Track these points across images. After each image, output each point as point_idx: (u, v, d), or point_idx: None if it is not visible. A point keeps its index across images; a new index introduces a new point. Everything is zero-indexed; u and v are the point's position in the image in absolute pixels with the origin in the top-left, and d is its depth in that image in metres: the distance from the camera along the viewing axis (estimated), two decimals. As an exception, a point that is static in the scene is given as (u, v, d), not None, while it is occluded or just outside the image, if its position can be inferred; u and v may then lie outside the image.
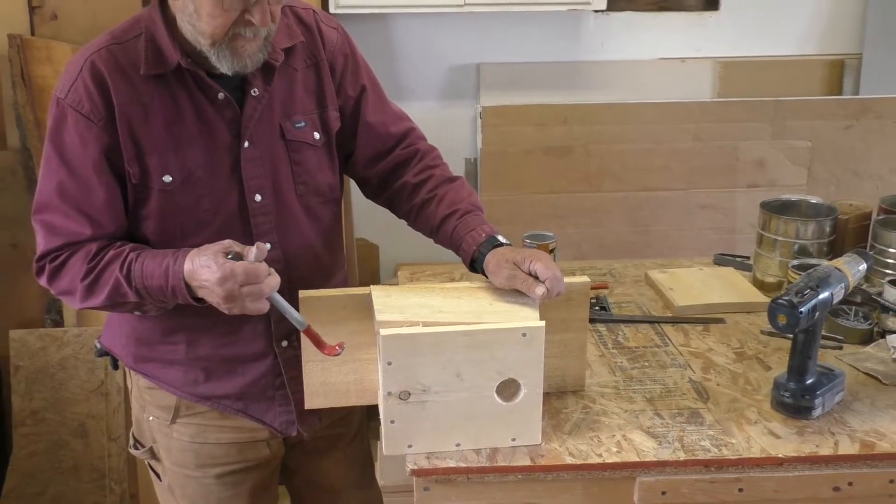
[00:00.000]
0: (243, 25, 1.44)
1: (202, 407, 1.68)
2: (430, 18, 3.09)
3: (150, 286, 1.46)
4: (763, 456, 1.50)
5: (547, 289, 1.48)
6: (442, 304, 1.52)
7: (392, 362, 1.42)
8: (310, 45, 1.65)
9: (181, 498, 1.76)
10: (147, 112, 1.51)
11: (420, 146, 1.77)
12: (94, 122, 1.49)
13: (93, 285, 1.49)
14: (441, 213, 1.68)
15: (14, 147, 2.86)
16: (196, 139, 1.54)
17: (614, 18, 3.25)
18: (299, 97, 1.63)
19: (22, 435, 2.82)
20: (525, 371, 1.46)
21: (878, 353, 1.83)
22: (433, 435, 1.48)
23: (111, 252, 1.50)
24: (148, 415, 1.73)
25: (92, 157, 1.50)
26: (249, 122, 1.56)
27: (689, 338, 1.93)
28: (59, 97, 1.51)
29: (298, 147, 1.63)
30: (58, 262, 1.52)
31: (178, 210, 1.55)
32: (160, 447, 1.74)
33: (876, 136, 3.20)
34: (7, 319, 2.88)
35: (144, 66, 1.50)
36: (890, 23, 3.19)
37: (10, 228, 2.87)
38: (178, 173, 1.53)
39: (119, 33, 1.54)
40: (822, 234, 2.10)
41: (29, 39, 2.79)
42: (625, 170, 3.19)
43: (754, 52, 3.31)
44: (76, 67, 1.50)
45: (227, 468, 1.71)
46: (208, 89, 1.53)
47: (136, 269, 1.47)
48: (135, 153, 1.51)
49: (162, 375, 1.67)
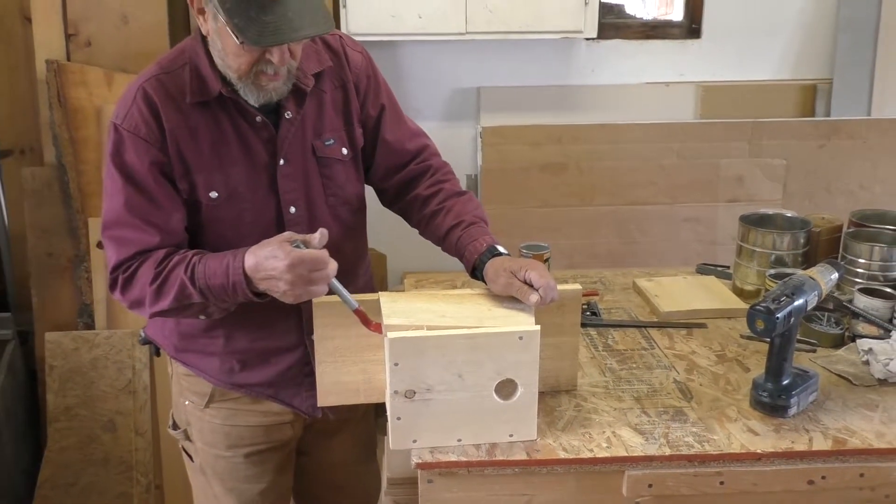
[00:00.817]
0: (264, 63, 1.46)
1: (235, 393, 1.71)
2: (435, 45, 3.09)
3: (213, 285, 1.45)
4: (743, 451, 1.50)
5: (540, 296, 1.48)
6: (445, 310, 1.52)
7: (399, 363, 1.42)
8: (337, 68, 1.67)
9: (212, 476, 1.79)
10: (194, 135, 1.53)
11: (433, 162, 1.79)
12: (151, 144, 1.51)
13: (160, 289, 1.48)
14: (447, 224, 1.69)
15: (50, 163, 2.87)
16: (238, 159, 1.56)
17: (604, 46, 3.25)
18: (328, 117, 1.65)
19: (56, 429, 2.82)
20: (522, 372, 1.46)
21: (849, 356, 1.83)
22: (436, 431, 1.48)
23: (176, 257, 1.50)
24: (185, 399, 1.77)
25: (153, 174, 1.51)
26: (284, 142, 1.58)
27: (673, 341, 1.93)
28: (117, 123, 1.52)
29: (328, 162, 1.65)
30: (129, 272, 1.51)
31: (223, 222, 1.57)
32: (193, 429, 1.77)
33: (846, 154, 3.20)
34: (43, 322, 2.88)
35: (190, 95, 1.52)
36: (857, 51, 3.20)
37: (47, 238, 2.87)
38: (223, 190, 1.56)
39: (166, 63, 1.56)
40: (796, 246, 2.10)
41: (65, 64, 2.80)
42: (614, 185, 3.19)
43: (733, 78, 3.31)
44: (130, 96, 1.53)
45: (254, 448, 1.75)
46: (247, 114, 1.55)
47: (199, 270, 1.46)
48: (183, 172, 1.53)
49: (200, 365, 1.70)
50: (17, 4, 2.97)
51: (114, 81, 2.80)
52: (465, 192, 1.76)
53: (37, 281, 2.88)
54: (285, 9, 1.37)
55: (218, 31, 1.45)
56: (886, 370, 1.73)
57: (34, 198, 2.86)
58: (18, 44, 2.99)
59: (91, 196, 2.84)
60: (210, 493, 1.81)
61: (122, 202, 1.51)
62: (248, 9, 1.36)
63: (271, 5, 1.36)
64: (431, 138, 1.84)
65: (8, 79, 3.02)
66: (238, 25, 1.37)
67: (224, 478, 1.77)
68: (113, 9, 2.84)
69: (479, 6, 2.81)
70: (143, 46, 2.83)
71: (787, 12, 3.25)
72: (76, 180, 2.83)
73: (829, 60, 3.27)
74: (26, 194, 2.86)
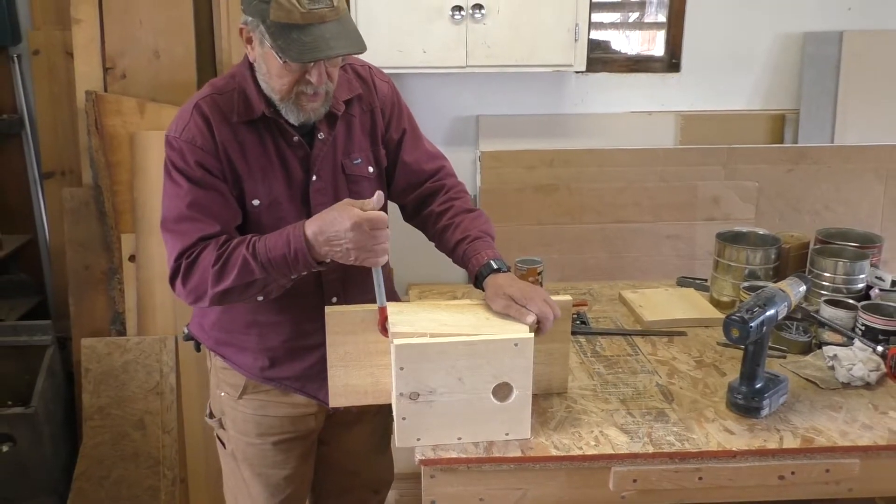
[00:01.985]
0: (304, 84, 1.48)
1: (266, 386, 1.72)
2: (438, 77, 3.10)
3: (274, 257, 1.44)
4: (719, 449, 1.49)
5: (539, 321, 1.49)
6: (446, 319, 1.52)
7: (404, 367, 1.41)
8: (366, 95, 1.69)
9: (242, 461, 1.80)
10: (241, 149, 1.56)
11: (447, 182, 1.80)
12: (207, 152, 1.53)
13: (223, 268, 1.47)
14: (455, 238, 1.70)
15: (88, 184, 2.87)
16: (277, 172, 1.58)
17: (592, 78, 3.26)
18: (357, 138, 1.67)
19: (91, 427, 2.81)
20: (517, 375, 1.45)
21: (816, 361, 1.83)
22: (438, 430, 1.47)
23: (236, 240, 1.50)
24: (221, 390, 1.78)
25: (210, 176, 1.53)
26: (316, 160, 1.61)
27: (656, 348, 1.92)
28: (175, 136, 1.54)
29: (356, 179, 1.67)
30: (192, 258, 1.50)
31: (263, 227, 1.58)
32: (227, 418, 1.79)
33: (812, 178, 3.20)
34: (80, 329, 2.88)
35: (237, 115, 1.55)
36: (821, 84, 3.20)
37: (84, 252, 2.87)
38: (264, 198, 1.58)
39: (219, 86, 1.59)
40: (768, 261, 2.09)
41: (102, 95, 2.81)
42: (601, 205, 3.19)
43: (709, 108, 3.31)
44: (187, 112, 1.55)
45: (282, 436, 1.76)
46: (286, 133, 1.58)
47: (260, 246, 1.46)
48: (234, 179, 1.56)
49: (235, 359, 1.72)
50: (60, 41, 2.98)
51: (146, 110, 2.81)
52: (474, 210, 1.77)
53: (74, 291, 2.88)
54: (322, 31, 1.41)
55: (264, 56, 1.49)
56: (850, 375, 1.72)
57: (73, 215, 2.86)
58: (61, 76, 3.00)
59: (123, 213, 2.85)
60: (240, 477, 1.82)
61: (186, 202, 1.52)
62: (289, 31, 1.40)
63: (309, 28, 1.40)
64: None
65: (51, 108, 3.04)
66: (281, 46, 1.41)
67: (253, 463, 1.79)
68: (146, 44, 2.85)
69: (478, 42, 2.81)
70: (172, 78, 2.85)
71: (758, 49, 3.26)
72: (111, 200, 2.84)
73: (796, 93, 3.28)
74: (66, 212, 2.87)
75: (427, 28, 2.78)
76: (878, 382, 1.73)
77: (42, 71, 3.02)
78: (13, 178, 3.18)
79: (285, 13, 1.39)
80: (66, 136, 3.04)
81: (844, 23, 3.21)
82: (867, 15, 3.21)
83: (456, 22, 2.78)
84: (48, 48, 3.00)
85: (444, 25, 2.78)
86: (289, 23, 1.39)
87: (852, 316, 1.86)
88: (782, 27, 3.24)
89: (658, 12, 3.35)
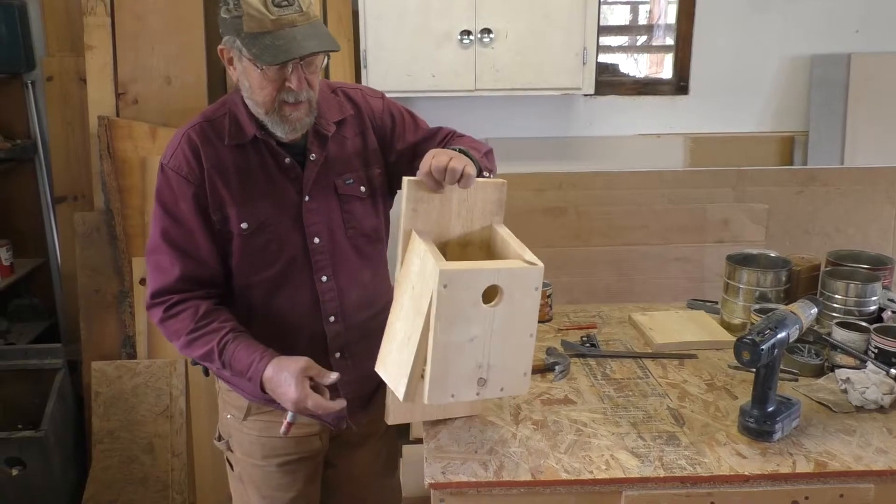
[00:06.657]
0: (285, 92, 1.52)
1: (269, 407, 1.73)
2: (448, 101, 3.12)
3: (234, 367, 1.56)
4: (731, 473, 1.48)
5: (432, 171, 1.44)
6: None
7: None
8: (357, 117, 1.72)
9: (248, 483, 1.81)
10: (230, 174, 1.59)
11: (447, 129, 1.80)
12: (191, 182, 1.57)
13: (193, 342, 1.57)
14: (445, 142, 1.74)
15: (99, 209, 2.90)
16: (266, 194, 1.61)
17: (600, 101, 3.28)
18: (349, 159, 1.69)
19: (100, 450, 2.81)
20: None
21: (829, 384, 1.81)
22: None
23: (215, 324, 1.58)
24: (227, 413, 1.80)
25: (191, 209, 1.58)
26: (308, 180, 1.63)
27: (666, 371, 1.91)
28: (164, 163, 1.60)
29: (348, 199, 1.69)
30: (171, 308, 1.59)
31: (253, 250, 1.61)
32: (234, 441, 1.81)
33: (822, 200, 3.20)
34: (90, 353, 2.89)
35: (228, 138, 1.59)
36: (830, 106, 3.22)
37: (95, 276, 2.89)
38: (252, 221, 1.60)
39: (209, 113, 1.63)
40: (778, 283, 2.09)
41: (114, 120, 2.84)
42: (610, 228, 3.19)
43: (718, 130, 3.33)
44: (177, 140, 1.60)
45: (286, 458, 1.77)
46: (277, 154, 1.61)
47: (229, 350, 1.56)
48: (218, 205, 1.59)
49: (237, 382, 1.74)
50: (73, 67, 3.03)
51: (157, 135, 2.85)
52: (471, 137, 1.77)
53: (85, 315, 2.90)
54: (294, 33, 1.46)
55: (244, 71, 1.52)
56: (863, 398, 1.71)
57: (84, 240, 2.89)
58: (74, 102, 3.05)
59: (134, 238, 2.87)
60: (247, 500, 1.83)
61: (160, 232, 1.59)
62: (262, 38, 1.45)
63: (280, 32, 1.45)
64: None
65: (64, 133, 3.08)
66: (255, 53, 1.46)
67: (259, 485, 1.79)
68: (158, 71, 2.89)
69: (486, 66, 2.84)
70: (183, 104, 2.89)
71: (766, 71, 3.28)
72: (122, 224, 2.86)
73: (805, 114, 3.29)
74: (77, 237, 2.89)
75: (436, 53, 2.81)
76: (891, 406, 1.71)
77: (55, 97, 3.06)
78: (26, 202, 3.22)
79: (257, 23, 1.44)
80: (78, 161, 3.07)
81: (852, 45, 3.23)
82: (874, 37, 3.23)
83: (465, 46, 2.81)
84: (62, 74, 3.05)
85: (452, 50, 2.81)
86: (261, 31, 1.45)
87: (865, 338, 1.85)
88: (790, 50, 3.26)
89: (666, 35, 3.38)
